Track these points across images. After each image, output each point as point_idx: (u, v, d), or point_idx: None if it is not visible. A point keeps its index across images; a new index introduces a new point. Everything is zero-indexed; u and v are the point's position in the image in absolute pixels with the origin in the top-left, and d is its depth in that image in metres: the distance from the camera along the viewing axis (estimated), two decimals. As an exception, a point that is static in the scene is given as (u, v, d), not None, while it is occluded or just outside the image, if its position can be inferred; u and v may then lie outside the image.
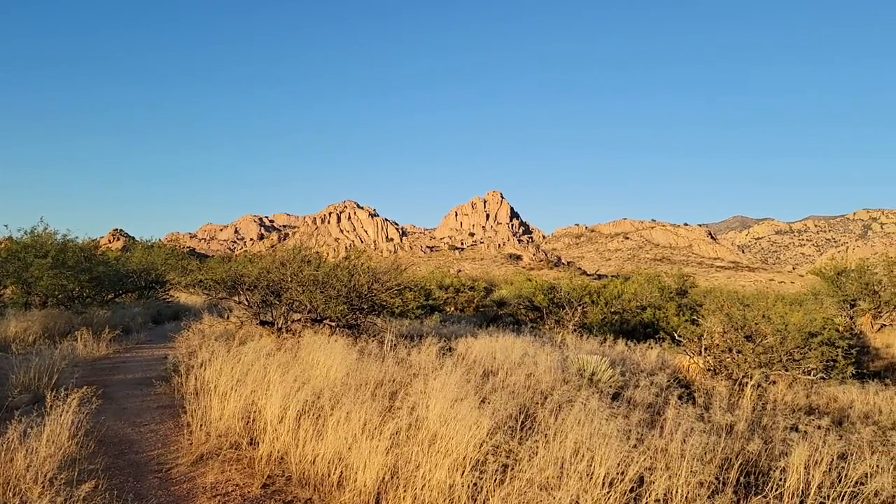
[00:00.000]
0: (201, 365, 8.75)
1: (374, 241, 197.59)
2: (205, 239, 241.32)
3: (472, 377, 8.06)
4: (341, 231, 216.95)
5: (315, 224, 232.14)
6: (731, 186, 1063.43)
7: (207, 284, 12.88)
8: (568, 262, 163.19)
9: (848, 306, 24.83)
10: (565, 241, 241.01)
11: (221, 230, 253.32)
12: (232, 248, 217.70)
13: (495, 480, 5.07)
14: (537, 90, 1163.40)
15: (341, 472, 5.54)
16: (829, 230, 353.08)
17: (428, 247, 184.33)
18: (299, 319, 12.10)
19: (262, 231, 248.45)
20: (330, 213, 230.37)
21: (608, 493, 4.99)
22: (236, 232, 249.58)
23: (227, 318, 14.07)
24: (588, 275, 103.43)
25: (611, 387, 9.34)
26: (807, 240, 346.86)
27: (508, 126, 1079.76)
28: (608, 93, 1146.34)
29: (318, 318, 12.05)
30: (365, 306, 11.63)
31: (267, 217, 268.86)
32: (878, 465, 6.14)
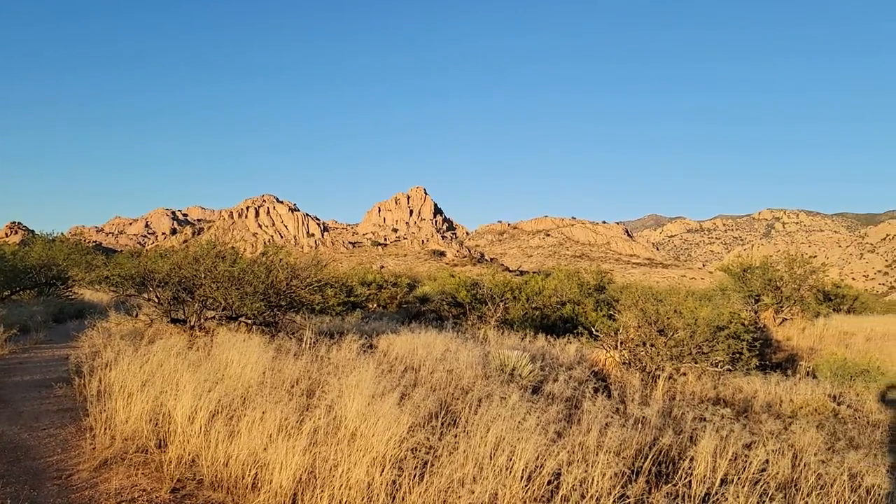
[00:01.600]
0: (106, 365, 8.28)
1: (295, 237, 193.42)
2: (113, 233, 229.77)
3: (393, 374, 7.98)
4: (260, 226, 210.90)
5: (232, 218, 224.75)
6: (647, 186, 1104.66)
7: (115, 281, 12.22)
8: (491, 259, 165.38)
9: (753, 301, 26.20)
10: (488, 238, 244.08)
11: (131, 224, 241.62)
12: (142, 242, 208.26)
13: (415, 477, 5.02)
14: (460, 86, 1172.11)
15: (256, 473, 5.35)
16: (737, 229, 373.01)
17: (350, 242, 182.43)
18: (214, 317, 11.67)
19: (175, 225, 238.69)
20: (248, 208, 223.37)
21: (527, 486, 5.04)
22: (147, 226, 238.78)
23: (136, 316, 13.38)
24: (511, 271, 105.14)
25: (531, 381, 9.47)
26: (716, 238, 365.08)
27: (432, 122, 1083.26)
28: (530, 89, 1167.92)
29: (234, 315, 11.65)
30: (283, 303, 11.33)
31: (180, 211, 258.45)
32: (777, 452, 6.48)
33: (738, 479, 5.55)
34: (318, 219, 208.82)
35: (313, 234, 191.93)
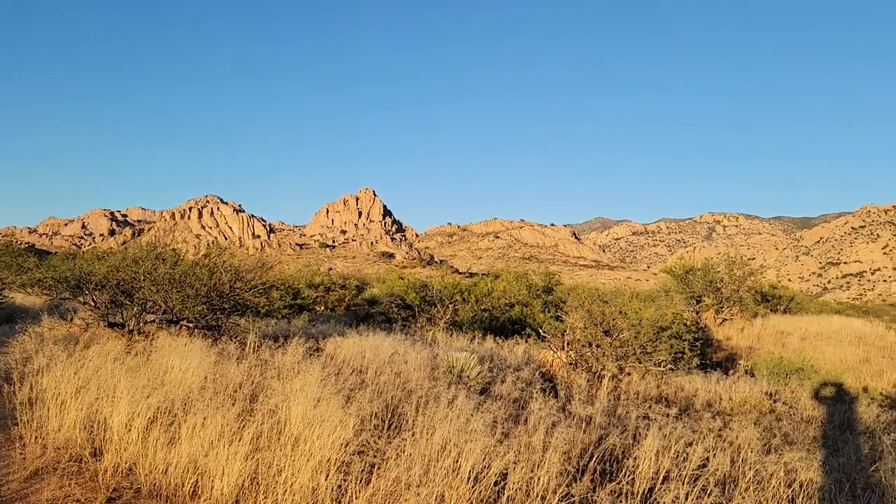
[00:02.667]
0: (38, 371, 7.91)
1: (240, 238, 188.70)
2: (47, 234, 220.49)
3: (339, 377, 7.89)
4: (203, 227, 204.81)
5: (174, 219, 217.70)
6: (594, 189, 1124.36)
7: (48, 284, 11.67)
8: (440, 261, 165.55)
9: (694, 302, 26.92)
10: (438, 240, 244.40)
11: (66, 225, 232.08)
12: (78, 244, 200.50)
13: (360, 481, 4.97)
14: (410, 92, 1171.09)
15: (196, 480, 5.20)
16: (679, 232, 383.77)
17: (297, 244, 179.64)
18: (153, 321, 11.29)
19: (114, 226, 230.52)
20: (190, 208, 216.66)
21: (473, 487, 5.04)
22: (84, 227, 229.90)
23: (71, 320, 12.84)
24: (460, 273, 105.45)
25: (479, 383, 9.49)
26: (660, 240, 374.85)
27: (381, 125, 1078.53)
28: (478, 93, 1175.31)
29: (175, 319, 11.31)
30: (227, 306, 11.03)
31: (119, 211, 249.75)
32: (717, 448, 6.66)
33: (679, 475, 5.67)
34: (264, 220, 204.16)
35: (259, 236, 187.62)
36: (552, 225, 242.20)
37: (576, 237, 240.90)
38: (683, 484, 5.33)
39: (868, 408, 11.27)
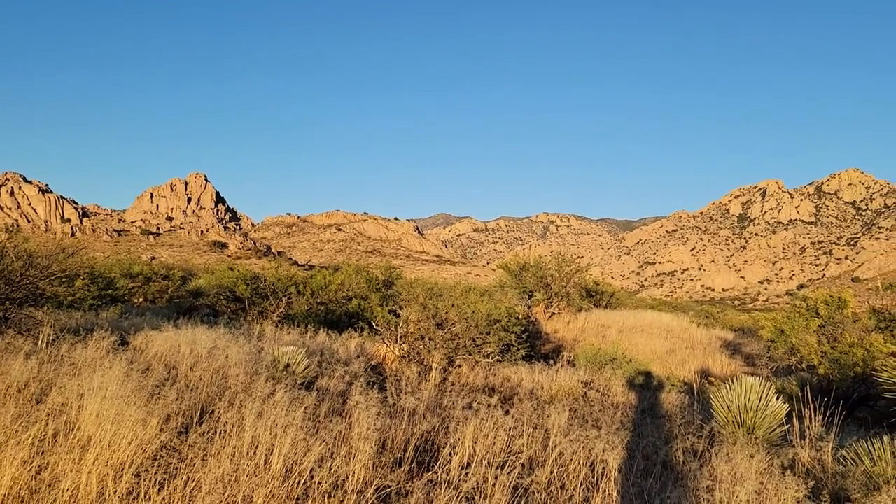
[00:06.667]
0: None
1: (46, 222, 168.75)
2: None
3: (149, 374, 7.29)
4: (1, 208, 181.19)
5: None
6: (437, 185, 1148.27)
7: None
8: (278, 252, 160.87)
9: (527, 297, 28.23)
10: (276, 231, 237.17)
11: None
12: None
13: (156, 483, 4.59)
14: (248, 71, 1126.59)
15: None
16: (517, 230, 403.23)
17: (116, 230, 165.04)
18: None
19: None
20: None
21: (284, 483, 4.84)
22: None
23: None
24: (300, 265, 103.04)
25: (305, 377, 9.23)
26: (499, 238, 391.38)
27: (215, 108, 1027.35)
28: (320, 86, 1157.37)
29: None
30: (18, 296, 9.79)
31: None
32: (532, 435, 6.95)
33: (494, 460, 5.83)
34: (76, 203, 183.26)
35: (70, 220, 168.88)
36: (396, 219, 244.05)
37: (419, 232, 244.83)
38: (493, 468, 5.48)
39: (669, 394, 12.37)
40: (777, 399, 8.33)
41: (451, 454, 5.98)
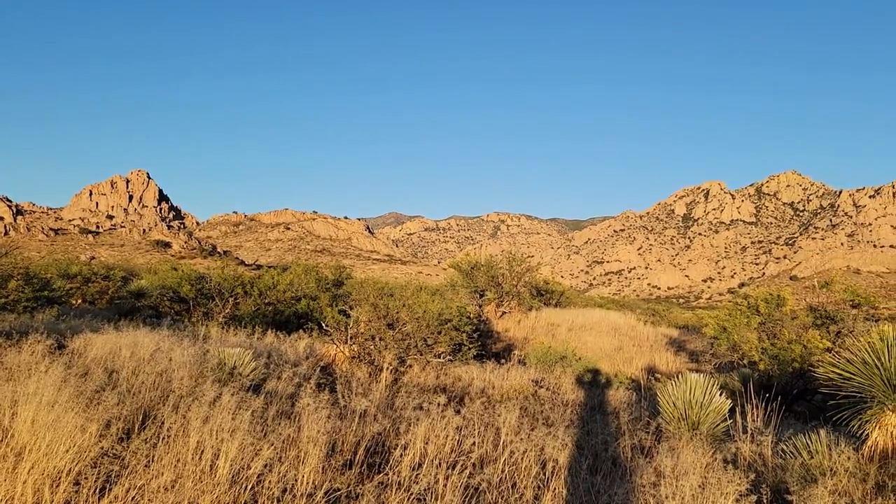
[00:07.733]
0: None
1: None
2: None
3: (87, 378, 7.02)
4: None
5: None
6: (388, 184, 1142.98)
7: None
8: (225, 252, 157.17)
9: (478, 296, 28.35)
10: (222, 229, 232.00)
11: None
12: None
13: (96, 492, 4.42)
14: (194, 70, 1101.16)
15: None
16: (468, 229, 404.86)
17: (52, 229, 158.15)
18: None
19: None
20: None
21: (230, 489, 4.73)
22: None
23: None
24: (247, 265, 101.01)
25: (252, 379, 9.05)
26: (450, 237, 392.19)
27: (160, 105, 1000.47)
28: (268, 88, 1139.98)
29: None
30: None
31: None
32: (483, 435, 6.96)
33: (444, 460, 5.81)
34: (9, 200, 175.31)
35: (2, 218, 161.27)
36: (346, 218, 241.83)
37: (369, 231, 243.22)
38: (445, 468, 5.47)
39: (618, 391, 12.58)
40: (720, 395, 8.56)
41: (402, 455, 5.95)
